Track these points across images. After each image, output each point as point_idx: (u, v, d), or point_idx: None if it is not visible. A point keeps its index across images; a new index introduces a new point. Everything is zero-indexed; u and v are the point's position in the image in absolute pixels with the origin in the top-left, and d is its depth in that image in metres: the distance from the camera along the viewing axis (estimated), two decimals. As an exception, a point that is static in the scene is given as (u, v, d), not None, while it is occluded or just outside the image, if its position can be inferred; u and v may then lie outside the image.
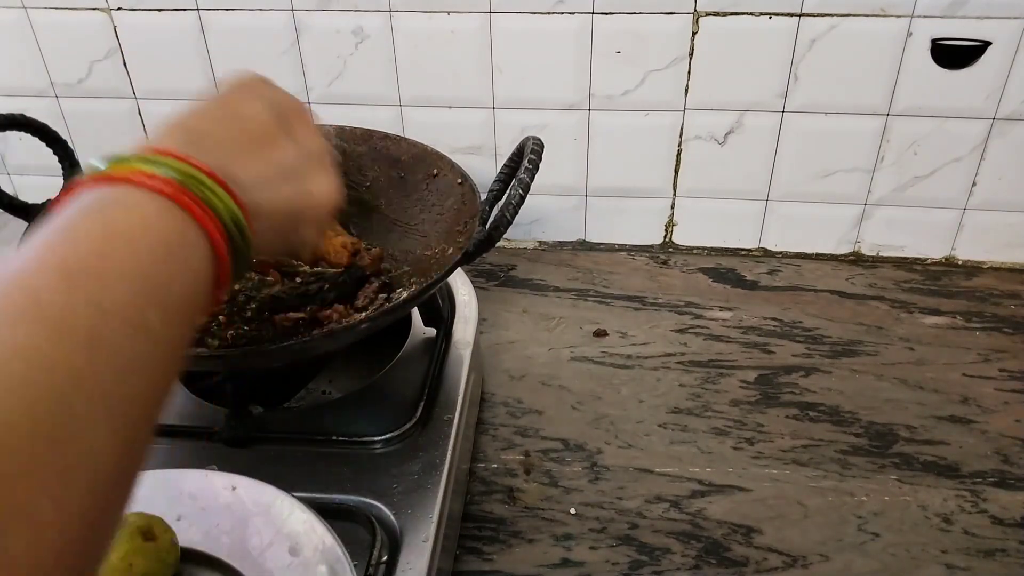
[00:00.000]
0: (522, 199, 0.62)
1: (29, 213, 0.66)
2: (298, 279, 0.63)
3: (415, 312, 0.73)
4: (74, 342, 0.25)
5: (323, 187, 0.42)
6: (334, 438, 0.61)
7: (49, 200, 0.62)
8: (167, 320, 0.29)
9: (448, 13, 0.86)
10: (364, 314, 0.60)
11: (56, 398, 0.24)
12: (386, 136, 0.75)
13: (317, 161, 0.42)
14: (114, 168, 0.31)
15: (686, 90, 0.88)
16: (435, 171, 0.72)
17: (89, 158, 0.32)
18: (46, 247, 0.27)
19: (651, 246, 1.00)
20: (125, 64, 0.94)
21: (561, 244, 1.01)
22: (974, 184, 0.90)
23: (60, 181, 0.66)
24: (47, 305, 0.25)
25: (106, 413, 0.25)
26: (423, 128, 0.93)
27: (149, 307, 0.28)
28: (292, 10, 0.88)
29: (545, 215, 0.99)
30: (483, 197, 0.68)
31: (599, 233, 1.00)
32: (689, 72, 0.87)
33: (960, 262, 0.95)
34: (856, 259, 0.97)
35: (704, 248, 0.99)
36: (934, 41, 0.82)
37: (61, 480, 0.24)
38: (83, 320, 0.26)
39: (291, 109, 0.41)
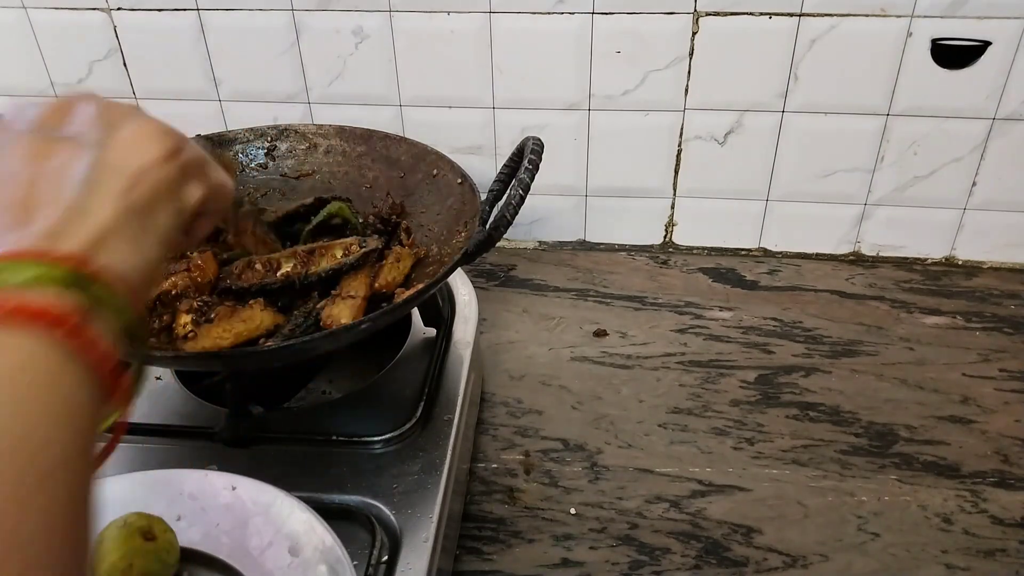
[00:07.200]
0: (522, 199, 0.62)
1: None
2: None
3: (415, 312, 0.73)
4: None
5: (128, 140, 0.34)
6: (334, 438, 0.61)
7: None
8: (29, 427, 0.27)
9: (448, 13, 0.86)
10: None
11: None
12: (386, 136, 0.75)
13: (101, 131, 0.34)
14: None
15: (686, 90, 0.88)
16: (435, 171, 0.72)
17: None
18: None
19: (651, 246, 1.00)
20: (125, 64, 0.94)
21: (561, 244, 1.01)
22: (974, 184, 0.89)
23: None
24: None
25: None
26: (423, 128, 0.93)
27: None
28: (292, 10, 0.88)
29: (545, 215, 0.99)
30: (483, 197, 0.69)
31: (599, 233, 1.00)
32: (689, 72, 0.87)
33: (960, 262, 0.95)
34: (856, 259, 0.97)
35: (704, 248, 0.99)
36: (934, 41, 0.82)
37: None
38: None
39: (39, 123, 0.34)
